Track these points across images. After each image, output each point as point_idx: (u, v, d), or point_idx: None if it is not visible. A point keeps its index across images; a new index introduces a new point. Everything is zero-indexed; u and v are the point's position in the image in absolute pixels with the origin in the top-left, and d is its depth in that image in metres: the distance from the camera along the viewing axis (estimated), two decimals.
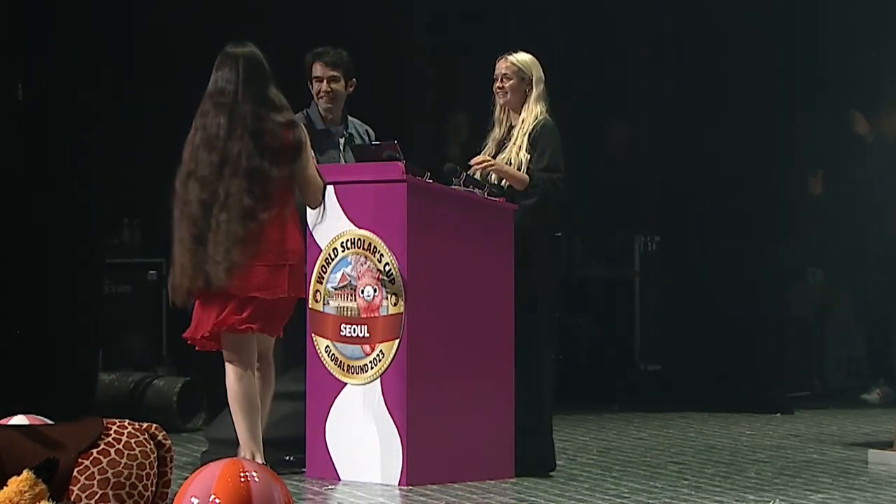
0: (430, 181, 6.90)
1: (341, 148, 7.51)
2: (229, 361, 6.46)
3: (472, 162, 7.10)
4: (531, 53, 7.27)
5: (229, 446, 6.80)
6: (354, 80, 7.52)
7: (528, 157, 7.11)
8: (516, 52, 7.26)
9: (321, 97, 7.46)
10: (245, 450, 6.36)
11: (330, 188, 6.93)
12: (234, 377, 6.42)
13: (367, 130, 7.62)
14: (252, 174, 6.28)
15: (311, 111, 7.53)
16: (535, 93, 7.19)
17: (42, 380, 6.48)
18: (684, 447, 8.19)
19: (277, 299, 6.38)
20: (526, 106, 7.20)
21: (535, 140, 7.13)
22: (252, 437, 6.34)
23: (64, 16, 8.65)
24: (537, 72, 7.22)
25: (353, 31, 9.01)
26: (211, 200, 6.27)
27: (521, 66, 7.21)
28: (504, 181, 7.12)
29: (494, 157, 7.22)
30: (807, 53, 10.25)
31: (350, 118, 7.60)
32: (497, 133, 7.31)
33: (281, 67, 6.54)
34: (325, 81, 7.46)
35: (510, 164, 7.13)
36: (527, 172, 7.09)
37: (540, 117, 7.17)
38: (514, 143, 7.17)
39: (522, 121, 7.19)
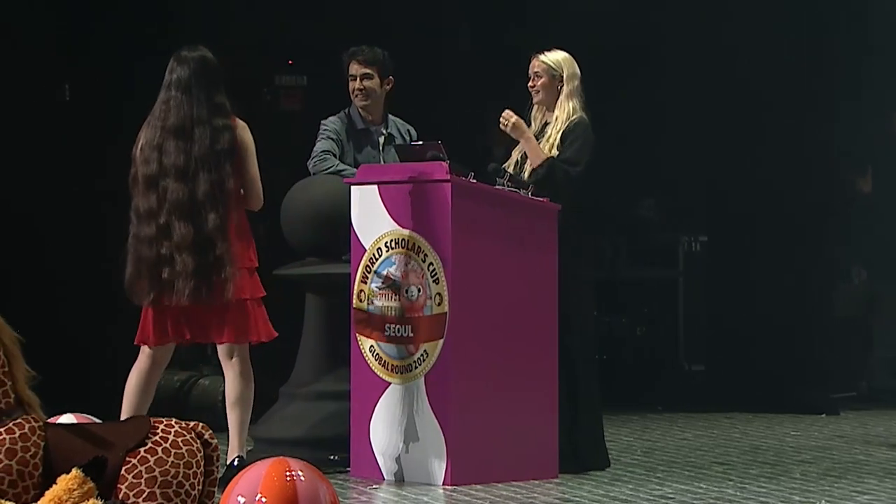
0: (474, 181, 6.91)
1: (380, 147, 7.53)
2: (243, 363, 6.52)
3: (505, 113, 7.11)
4: (565, 50, 7.28)
5: (275, 445, 6.84)
6: (392, 78, 7.54)
7: (557, 154, 7.14)
8: (550, 50, 7.28)
9: (356, 95, 7.50)
10: (243, 449, 6.44)
11: (374, 188, 6.96)
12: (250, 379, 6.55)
13: (408, 130, 7.64)
14: (192, 179, 6.40)
15: (351, 110, 7.56)
16: (566, 90, 7.21)
17: (89, 379, 6.54)
18: (729, 448, 8.16)
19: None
20: (559, 103, 7.22)
21: (565, 136, 7.15)
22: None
23: (105, 17, 8.71)
24: (569, 69, 7.23)
25: (388, 31, 9.03)
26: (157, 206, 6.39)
27: (551, 63, 7.23)
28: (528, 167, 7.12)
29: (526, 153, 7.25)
30: (852, 52, 10.20)
31: (392, 117, 7.62)
32: (531, 130, 7.32)
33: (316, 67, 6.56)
34: (358, 79, 7.50)
35: None
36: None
37: (574, 115, 7.19)
38: (547, 141, 7.20)
39: (556, 118, 7.22)
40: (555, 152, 7.15)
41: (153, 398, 6.58)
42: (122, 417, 6.35)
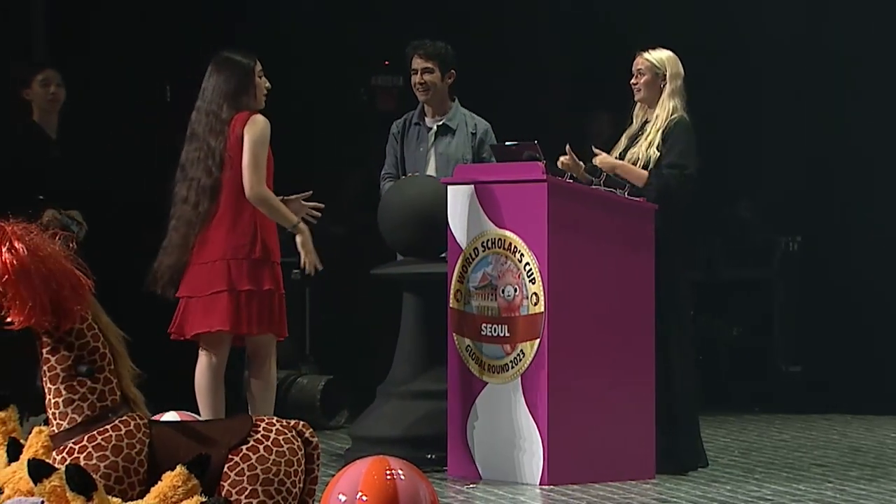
0: (571, 181, 6.91)
1: (431, 139, 7.54)
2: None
3: (596, 161, 7.10)
4: (670, 49, 7.26)
5: (373, 444, 6.88)
6: (454, 71, 7.54)
7: (658, 154, 7.10)
8: (654, 48, 7.26)
9: (417, 89, 7.54)
10: None
11: (470, 188, 6.99)
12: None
13: (475, 124, 7.57)
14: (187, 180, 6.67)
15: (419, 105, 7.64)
16: (668, 88, 7.18)
17: (191, 378, 6.62)
18: (827, 449, 8.09)
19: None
20: (660, 102, 7.19)
21: (667, 136, 7.12)
22: None
23: (205, 19, 8.81)
24: (673, 68, 7.20)
25: (483, 30, 9.04)
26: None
27: (654, 61, 7.20)
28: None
29: (625, 151, 7.22)
30: None
31: (463, 110, 7.57)
32: (632, 129, 7.31)
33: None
34: (419, 73, 7.53)
35: (639, 159, 7.13)
36: (654, 168, 7.08)
37: (675, 114, 7.16)
38: (646, 139, 7.17)
39: (656, 117, 7.19)
40: (653, 151, 7.12)
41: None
42: (203, 417, 6.43)
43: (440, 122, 7.56)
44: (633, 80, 7.28)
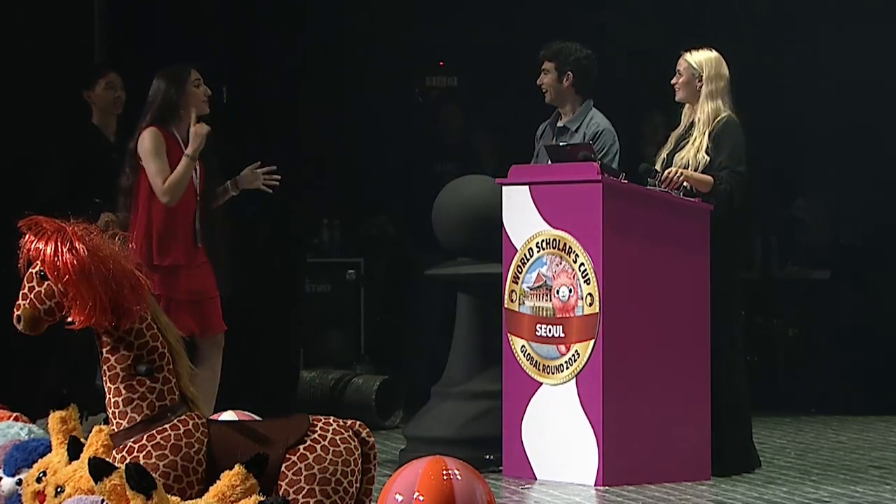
0: (626, 181, 6.91)
1: (553, 141, 7.51)
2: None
3: (664, 176, 7.06)
4: (715, 50, 7.22)
5: (428, 444, 6.90)
6: (570, 73, 7.44)
7: (707, 158, 7.07)
8: (698, 48, 7.23)
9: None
10: None
11: (525, 188, 7.00)
12: None
13: (589, 124, 7.42)
14: None
15: None
16: (706, 90, 7.15)
17: (248, 377, 6.68)
18: (885, 451, 8.03)
19: None
20: (699, 104, 7.18)
21: (716, 138, 7.10)
22: None
23: (272, 22, 8.86)
24: (711, 69, 7.16)
25: (541, 31, 9.02)
26: None
27: (692, 63, 7.19)
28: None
29: (673, 153, 7.20)
30: None
31: (594, 112, 7.45)
32: (678, 130, 7.30)
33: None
34: (540, 75, 7.50)
35: (688, 163, 7.10)
36: (707, 172, 7.05)
37: (721, 114, 7.13)
38: (693, 144, 7.14)
39: (698, 120, 7.18)
40: (702, 155, 7.10)
41: (309, 395, 6.68)
42: None
43: (561, 125, 7.53)
44: (673, 80, 7.27)
